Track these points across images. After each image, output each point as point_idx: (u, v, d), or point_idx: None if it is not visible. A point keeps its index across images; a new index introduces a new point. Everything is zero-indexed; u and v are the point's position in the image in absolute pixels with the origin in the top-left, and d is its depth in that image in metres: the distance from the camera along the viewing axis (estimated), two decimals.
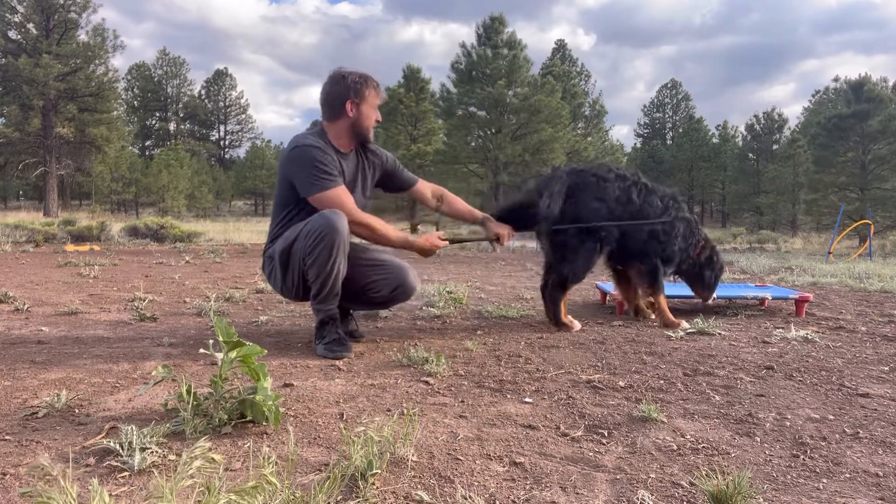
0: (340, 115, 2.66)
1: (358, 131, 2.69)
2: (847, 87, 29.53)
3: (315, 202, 2.54)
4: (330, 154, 2.60)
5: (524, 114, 25.56)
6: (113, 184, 40.36)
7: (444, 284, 4.84)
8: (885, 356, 2.60)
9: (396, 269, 2.74)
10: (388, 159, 2.90)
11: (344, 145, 2.70)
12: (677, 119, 59.52)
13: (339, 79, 2.69)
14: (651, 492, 1.28)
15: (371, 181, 2.86)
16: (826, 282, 5.68)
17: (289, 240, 2.56)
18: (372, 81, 2.71)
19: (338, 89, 2.67)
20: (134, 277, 5.58)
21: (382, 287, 2.73)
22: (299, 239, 2.50)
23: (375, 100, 2.72)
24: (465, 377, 2.19)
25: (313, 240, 2.45)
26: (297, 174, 2.56)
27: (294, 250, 2.53)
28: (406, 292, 2.78)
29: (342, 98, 2.65)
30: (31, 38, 30.38)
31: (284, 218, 2.67)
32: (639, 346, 2.73)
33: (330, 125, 2.69)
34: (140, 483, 1.27)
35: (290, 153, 2.60)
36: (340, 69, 2.73)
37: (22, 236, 11.34)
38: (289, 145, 2.65)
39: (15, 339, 2.77)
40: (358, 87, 2.66)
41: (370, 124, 2.71)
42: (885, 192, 25.77)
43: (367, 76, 2.71)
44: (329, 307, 2.57)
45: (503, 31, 26.36)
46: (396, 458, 1.40)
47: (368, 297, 2.76)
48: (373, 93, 2.70)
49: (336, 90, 2.67)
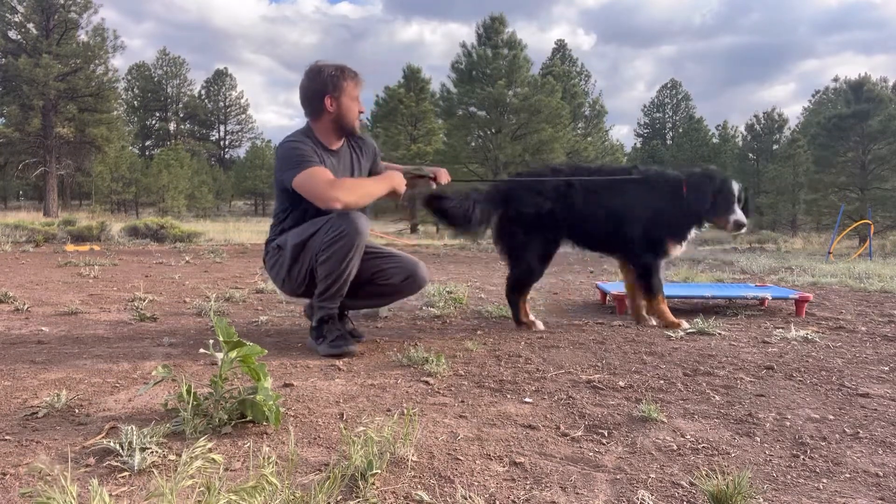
0: (321, 111, 2.63)
1: (342, 125, 2.66)
2: (847, 87, 29.54)
3: (297, 187, 2.48)
4: (308, 145, 2.57)
5: (524, 114, 25.57)
6: (113, 184, 40.35)
7: (444, 284, 4.83)
8: (885, 356, 2.60)
9: (408, 261, 2.75)
10: (375, 147, 2.91)
11: (332, 141, 2.68)
12: (677, 119, 59.51)
13: (314, 74, 2.64)
14: (651, 492, 1.28)
15: (367, 169, 2.85)
16: (826, 282, 5.68)
17: (306, 233, 2.54)
18: (348, 72, 2.65)
19: (314, 86, 2.63)
20: (134, 277, 5.58)
21: (393, 275, 2.70)
22: (318, 234, 2.49)
23: (355, 90, 2.66)
24: (465, 377, 2.19)
25: (332, 237, 2.44)
26: (281, 170, 2.56)
27: (310, 244, 2.51)
28: (416, 283, 2.76)
29: (320, 94, 2.61)
30: (31, 38, 30.37)
31: (284, 212, 2.67)
32: (639, 346, 2.73)
33: (314, 123, 2.67)
34: (140, 483, 1.27)
35: (275, 154, 2.65)
36: (316, 63, 2.68)
37: (22, 236, 11.34)
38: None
39: (15, 339, 2.77)
40: (335, 80, 2.61)
41: (353, 116, 2.67)
42: (885, 192, 25.77)
43: (343, 67, 2.66)
44: (332, 305, 2.56)
45: (503, 31, 26.36)
46: (396, 458, 1.40)
47: (378, 284, 2.72)
48: (351, 84, 2.64)
49: (313, 87, 2.63)
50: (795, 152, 33.65)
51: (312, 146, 2.59)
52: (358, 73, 2.69)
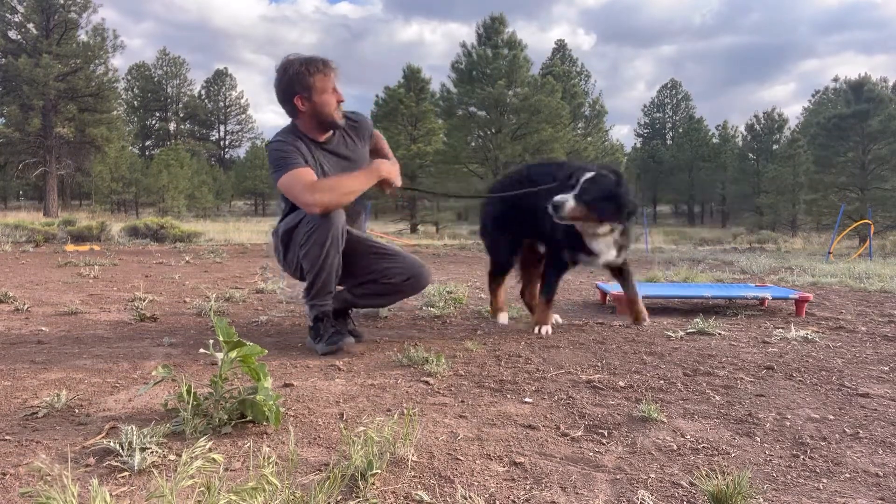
0: (296, 111, 2.56)
1: (321, 120, 2.58)
2: (847, 87, 29.56)
3: (282, 190, 2.52)
4: (292, 144, 2.53)
5: (524, 114, 25.59)
6: (113, 184, 40.38)
7: (444, 284, 4.83)
8: (885, 356, 2.60)
9: (411, 261, 2.75)
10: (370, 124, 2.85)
11: (318, 134, 2.64)
12: (677, 119, 59.54)
13: (281, 74, 2.54)
14: (651, 492, 1.28)
15: (366, 144, 2.82)
16: (826, 282, 5.68)
17: (293, 222, 2.56)
18: (314, 66, 2.51)
19: (282, 86, 2.54)
20: (134, 277, 5.58)
21: (395, 275, 2.69)
22: (300, 225, 2.51)
23: (326, 82, 2.53)
24: (465, 377, 2.19)
25: (307, 230, 2.46)
26: (270, 171, 2.59)
27: (294, 235, 2.55)
28: (419, 283, 2.75)
29: (289, 94, 2.53)
30: (31, 38, 30.41)
31: (287, 205, 2.71)
32: (639, 346, 2.73)
33: (296, 120, 2.63)
34: (140, 483, 1.27)
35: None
36: (284, 60, 2.56)
37: (22, 236, 11.35)
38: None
39: (15, 339, 2.77)
40: (301, 78, 2.49)
41: (330, 109, 2.55)
42: (885, 192, 25.80)
43: (309, 61, 2.52)
44: (323, 303, 2.56)
45: (503, 31, 26.40)
46: (396, 458, 1.40)
47: (381, 281, 2.70)
48: (320, 77, 2.51)
49: (281, 87, 2.55)
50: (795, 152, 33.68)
51: (298, 143, 2.56)
52: (328, 61, 2.54)
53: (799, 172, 32.59)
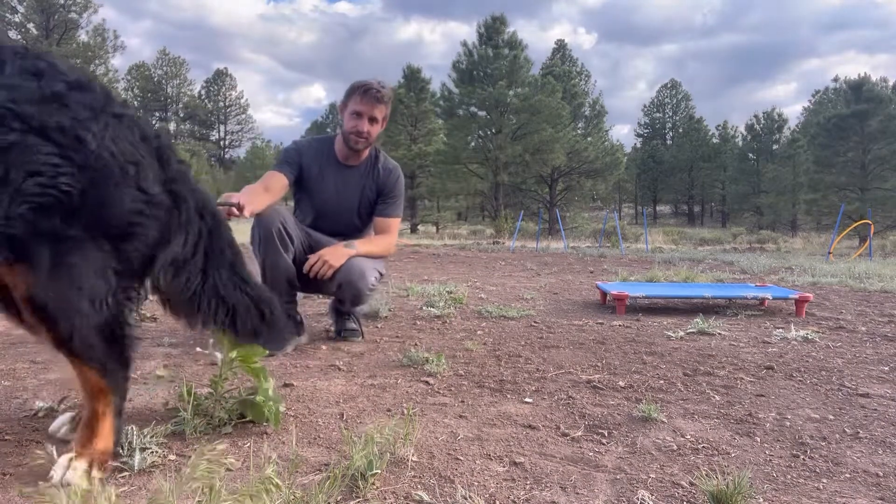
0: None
1: (343, 137, 2.73)
2: (847, 87, 29.57)
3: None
4: (298, 146, 2.76)
5: (524, 114, 25.57)
6: None
7: (444, 284, 4.83)
8: (885, 356, 2.60)
9: (346, 267, 2.54)
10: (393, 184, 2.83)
11: (346, 156, 2.76)
12: (677, 119, 59.51)
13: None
14: (651, 492, 1.28)
15: (373, 198, 2.82)
16: (826, 282, 5.68)
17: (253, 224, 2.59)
18: (360, 87, 2.62)
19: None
20: None
21: (330, 282, 2.57)
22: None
23: (357, 105, 2.61)
24: (465, 377, 2.19)
25: (252, 232, 2.54)
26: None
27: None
28: (350, 290, 2.58)
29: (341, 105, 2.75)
30: (31, 38, 30.38)
31: None
32: (639, 346, 2.73)
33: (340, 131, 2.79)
34: (140, 483, 1.27)
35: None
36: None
37: None
38: None
39: (15, 339, 2.76)
40: (347, 92, 2.69)
41: (349, 129, 2.65)
42: (885, 193, 25.81)
43: (358, 83, 2.65)
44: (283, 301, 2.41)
45: (504, 30, 26.39)
46: (396, 458, 1.40)
47: (321, 285, 2.65)
48: (356, 98, 2.62)
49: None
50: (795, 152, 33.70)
51: (310, 149, 2.75)
52: (370, 89, 2.61)
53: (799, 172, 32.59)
